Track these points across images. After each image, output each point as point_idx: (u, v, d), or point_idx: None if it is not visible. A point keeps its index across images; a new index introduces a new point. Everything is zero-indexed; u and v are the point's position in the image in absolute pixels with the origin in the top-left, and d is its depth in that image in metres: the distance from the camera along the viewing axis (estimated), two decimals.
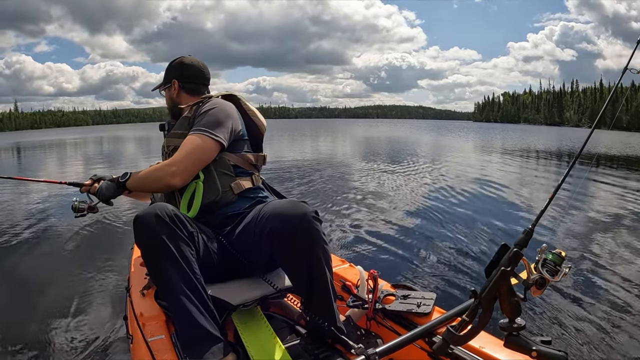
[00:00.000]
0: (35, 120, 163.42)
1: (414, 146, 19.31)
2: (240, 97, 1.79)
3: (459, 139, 26.37)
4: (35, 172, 10.53)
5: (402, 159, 12.17)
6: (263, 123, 1.83)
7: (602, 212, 5.34)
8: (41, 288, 3.04)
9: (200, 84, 1.83)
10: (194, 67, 1.83)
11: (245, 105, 1.79)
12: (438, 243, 3.98)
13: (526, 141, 23.35)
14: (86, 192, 1.73)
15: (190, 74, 1.82)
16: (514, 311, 1.11)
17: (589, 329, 2.36)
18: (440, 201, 5.97)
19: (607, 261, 3.46)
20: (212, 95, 1.77)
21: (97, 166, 12.14)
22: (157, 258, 1.30)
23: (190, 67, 1.82)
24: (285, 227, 1.35)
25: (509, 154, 14.80)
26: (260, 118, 1.82)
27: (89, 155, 17.57)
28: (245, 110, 1.79)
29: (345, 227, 4.53)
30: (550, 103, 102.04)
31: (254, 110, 1.82)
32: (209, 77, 1.87)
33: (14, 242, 4.15)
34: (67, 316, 2.57)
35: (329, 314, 1.45)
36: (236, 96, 1.79)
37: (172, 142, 1.68)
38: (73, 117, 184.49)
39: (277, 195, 1.97)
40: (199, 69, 1.84)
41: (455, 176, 8.52)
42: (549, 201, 1.21)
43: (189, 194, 1.59)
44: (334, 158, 13.17)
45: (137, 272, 1.96)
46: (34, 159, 16.46)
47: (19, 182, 7.44)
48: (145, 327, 1.49)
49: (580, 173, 7.31)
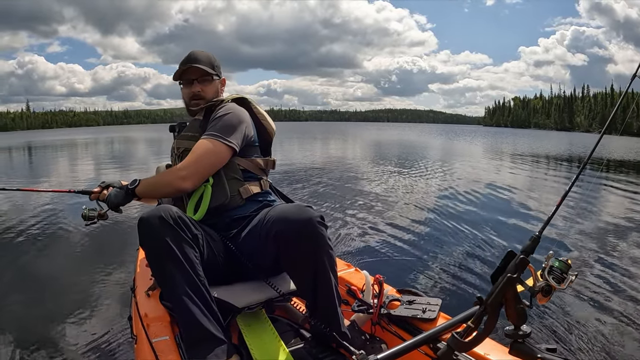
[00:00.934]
0: (46, 120, 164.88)
1: (421, 150, 19.28)
2: (250, 100, 1.80)
3: (466, 144, 26.26)
4: (45, 174, 10.61)
5: (408, 164, 12.14)
6: (273, 127, 1.83)
7: (610, 219, 5.29)
8: (48, 288, 3.07)
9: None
10: None
11: (255, 109, 1.79)
12: (444, 248, 3.97)
13: (535, 146, 23.22)
14: (95, 199, 1.71)
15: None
16: (519, 318, 1.10)
17: (594, 338, 2.34)
18: (447, 206, 5.95)
19: (615, 269, 3.42)
20: (224, 98, 1.77)
21: (108, 167, 12.24)
22: (161, 260, 1.31)
23: None
24: (290, 231, 1.35)
25: (517, 159, 14.71)
26: (270, 122, 1.82)
27: (99, 155, 17.72)
28: (255, 114, 1.78)
29: (351, 231, 4.52)
30: (560, 108, 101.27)
31: (264, 114, 1.81)
32: None
33: (24, 245, 4.19)
34: (72, 316, 2.59)
35: (334, 318, 1.44)
36: (247, 99, 1.79)
37: (182, 144, 1.69)
38: (84, 117, 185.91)
39: (284, 199, 1.97)
40: None
41: (463, 181, 8.48)
42: (556, 208, 1.20)
43: (197, 197, 1.60)
44: (342, 161, 13.16)
45: (142, 273, 1.96)
46: (44, 160, 16.58)
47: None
48: (150, 327, 1.49)
49: (589, 179, 7.25)
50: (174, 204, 1.64)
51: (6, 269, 3.50)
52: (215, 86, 1.77)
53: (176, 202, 1.68)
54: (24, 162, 15.74)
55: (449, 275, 3.28)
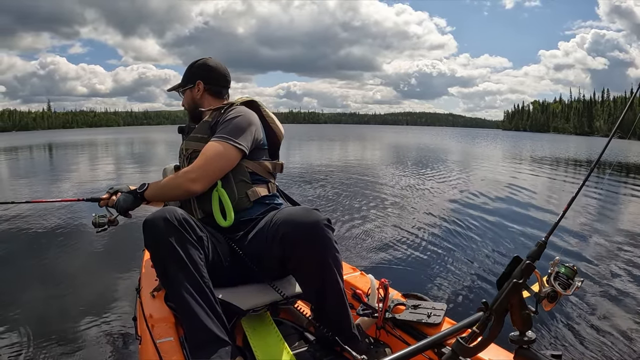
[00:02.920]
0: (67, 120, 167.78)
1: (431, 153, 19.20)
2: (260, 103, 1.80)
3: (478, 148, 26.10)
4: (59, 176, 10.65)
5: (417, 167, 12.10)
6: (281, 130, 1.84)
7: (618, 225, 5.26)
8: (54, 288, 3.10)
9: (223, 87, 1.86)
10: (218, 70, 1.85)
11: (264, 112, 1.80)
12: (450, 253, 3.95)
13: (549, 150, 23.06)
14: (105, 205, 1.72)
15: (215, 77, 1.83)
16: (525, 324, 1.09)
17: (600, 345, 2.32)
18: (454, 211, 5.93)
19: (621, 276, 3.39)
20: (234, 101, 1.77)
21: (126, 168, 12.28)
22: (165, 261, 1.31)
23: (215, 69, 1.84)
24: (296, 234, 1.36)
25: (529, 164, 14.62)
26: (279, 125, 1.83)
27: (118, 156, 17.87)
28: (264, 117, 1.79)
29: (358, 235, 4.52)
30: (580, 112, 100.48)
31: (273, 117, 1.82)
32: (230, 81, 1.89)
33: (32, 248, 4.23)
34: (78, 316, 2.61)
35: (343, 321, 1.45)
36: (257, 102, 1.80)
37: (191, 145, 1.70)
38: (105, 117, 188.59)
39: (291, 202, 1.97)
40: (223, 72, 1.86)
41: (470, 186, 8.45)
42: (563, 213, 1.19)
43: (216, 203, 1.58)
44: (353, 165, 13.11)
45: (147, 273, 1.97)
46: (64, 159, 16.68)
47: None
48: (154, 328, 1.49)
49: (597, 184, 7.20)
50: (181, 206, 1.65)
51: (9, 271, 3.55)
52: (187, 96, 1.86)
53: (184, 205, 1.69)
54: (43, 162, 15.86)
55: (454, 280, 3.26)
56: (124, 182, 1.78)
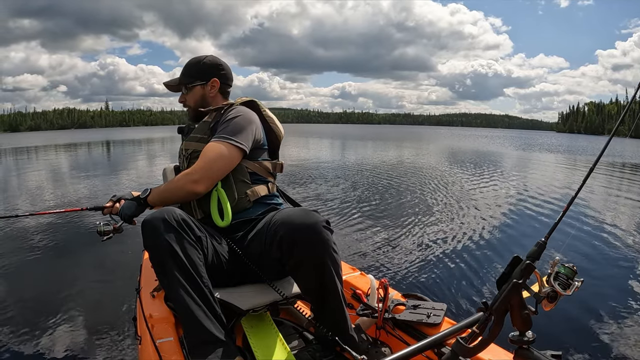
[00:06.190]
0: (124, 118, 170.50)
1: (450, 156, 19.13)
2: (260, 103, 1.80)
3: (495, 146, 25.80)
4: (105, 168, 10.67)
5: (424, 170, 12.11)
6: (281, 130, 1.83)
7: (619, 224, 5.24)
8: (53, 288, 3.09)
9: (230, 87, 1.85)
10: (229, 70, 1.82)
11: (264, 112, 1.79)
12: (450, 254, 3.95)
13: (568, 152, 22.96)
14: (108, 213, 1.71)
15: (228, 76, 1.81)
16: (524, 324, 1.09)
17: (600, 345, 2.32)
18: (454, 211, 5.93)
19: (622, 276, 3.40)
20: (234, 102, 1.77)
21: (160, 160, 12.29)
22: (164, 261, 1.31)
23: (227, 68, 1.82)
24: (294, 235, 1.35)
25: (536, 166, 14.63)
26: (279, 125, 1.82)
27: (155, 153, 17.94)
28: (264, 117, 1.78)
29: (357, 235, 4.52)
30: (635, 114, 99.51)
31: (273, 117, 1.81)
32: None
33: (32, 248, 4.22)
34: (78, 315, 2.62)
35: (340, 321, 1.44)
36: (257, 102, 1.79)
37: (190, 145, 1.69)
38: (160, 116, 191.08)
39: (292, 202, 1.97)
40: (231, 72, 1.84)
41: (471, 186, 8.46)
42: (563, 213, 1.19)
43: (215, 203, 1.58)
44: (364, 166, 13.12)
45: (147, 274, 1.97)
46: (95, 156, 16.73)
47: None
48: (154, 328, 1.50)
49: (598, 183, 7.20)
50: (181, 207, 1.65)
51: (7, 272, 3.55)
52: (196, 93, 1.77)
53: (183, 205, 1.68)
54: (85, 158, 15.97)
55: (454, 280, 3.26)
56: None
